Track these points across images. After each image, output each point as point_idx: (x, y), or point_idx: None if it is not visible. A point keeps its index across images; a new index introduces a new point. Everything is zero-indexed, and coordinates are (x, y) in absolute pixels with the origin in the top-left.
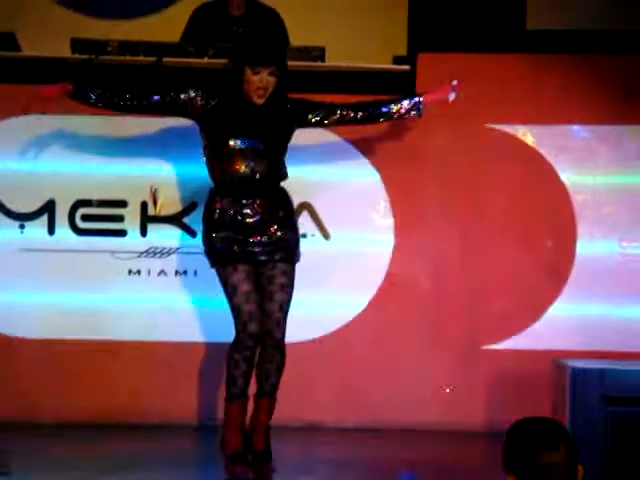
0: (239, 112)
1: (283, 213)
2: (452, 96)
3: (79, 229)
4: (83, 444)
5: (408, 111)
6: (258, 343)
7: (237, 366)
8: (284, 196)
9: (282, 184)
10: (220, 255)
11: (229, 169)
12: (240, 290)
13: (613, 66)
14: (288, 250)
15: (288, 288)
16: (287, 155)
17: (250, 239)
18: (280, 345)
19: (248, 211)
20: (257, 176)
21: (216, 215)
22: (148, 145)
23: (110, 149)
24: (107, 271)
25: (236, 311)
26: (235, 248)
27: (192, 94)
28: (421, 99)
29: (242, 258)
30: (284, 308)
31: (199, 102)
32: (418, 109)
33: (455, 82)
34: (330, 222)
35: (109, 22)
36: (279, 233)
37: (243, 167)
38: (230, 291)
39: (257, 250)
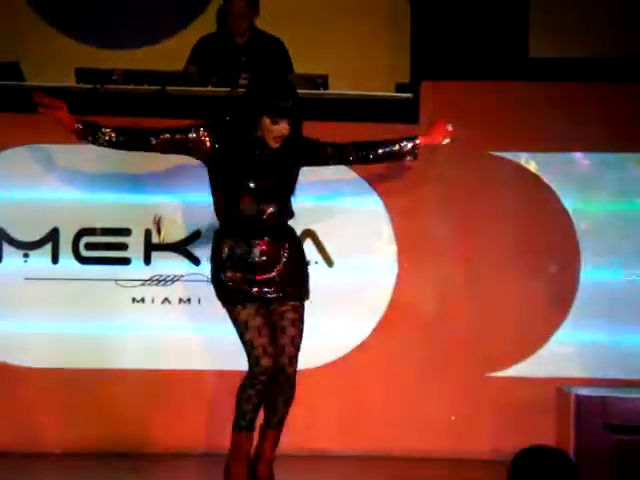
0: (251, 154)
1: (290, 251)
2: (446, 140)
3: (83, 257)
4: (87, 474)
5: (405, 154)
6: (271, 378)
7: (249, 400)
8: (292, 234)
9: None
10: (230, 294)
11: (239, 209)
12: (251, 324)
13: (616, 93)
14: (297, 287)
15: (299, 323)
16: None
17: (259, 277)
18: (292, 381)
19: (256, 250)
20: (264, 216)
21: (224, 255)
22: (152, 173)
23: (114, 177)
24: (111, 299)
25: (249, 346)
26: (245, 287)
27: (200, 132)
28: (418, 142)
29: (252, 297)
30: (296, 343)
31: (207, 142)
32: (414, 153)
33: (450, 127)
34: (333, 249)
35: (113, 52)
36: (288, 271)
37: (253, 208)
38: (242, 327)
39: (266, 289)
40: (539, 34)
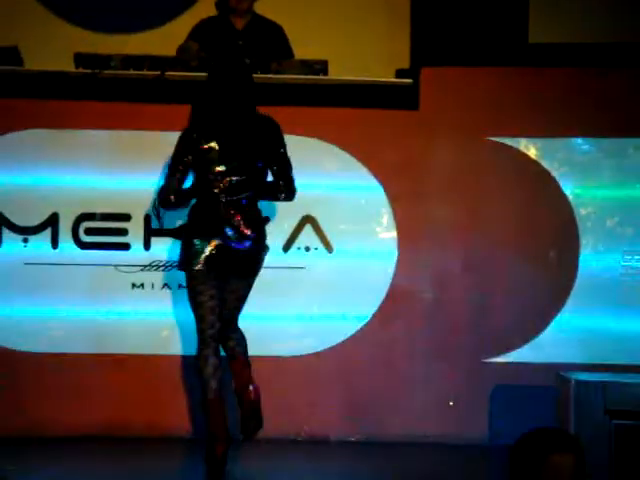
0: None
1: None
2: None
3: (83, 243)
4: (87, 458)
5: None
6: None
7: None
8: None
9: None
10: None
11: None
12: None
13: (616, 79)
14: None
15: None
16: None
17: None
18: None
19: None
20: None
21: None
22: (150, 158)
23: (113, 163)
24: (110, 284)
25: None
26: None
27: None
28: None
29: None
30: None
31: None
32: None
33: None
34: (333, 235)
35: (111, 36)
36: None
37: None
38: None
39: None
40: (539, 19)
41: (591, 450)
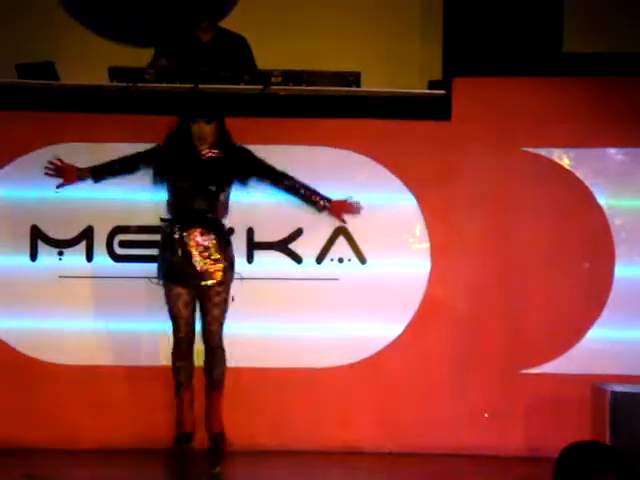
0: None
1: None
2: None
3: (117, 255)
4: (120, 470)
5: (315, 205)
6: None
7: None
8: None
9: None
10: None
11: None
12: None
13: None
14: None
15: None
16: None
17: None
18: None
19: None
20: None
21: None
22: None
23: (146, 175)
24: (144, 297)
25: None
26: None
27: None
28: (328, 206)
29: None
30: None
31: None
32: (323, 209)
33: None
34: (366, 246)
35: (145, 50)
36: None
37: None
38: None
39: None
40: (573, 29)
41: (628, 462)
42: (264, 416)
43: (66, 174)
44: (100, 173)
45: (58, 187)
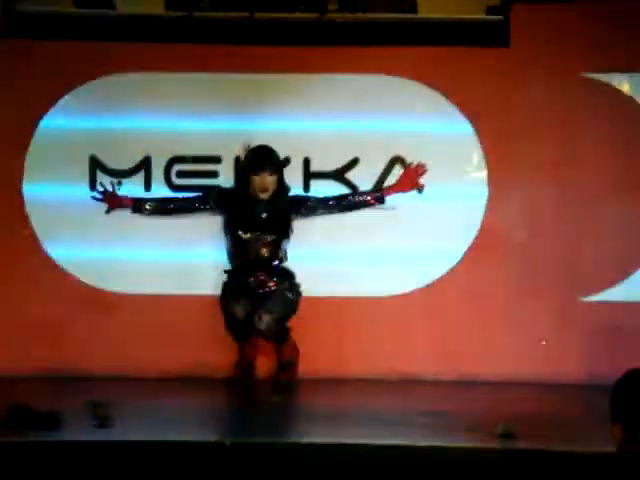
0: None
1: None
2: (414, 189)
3: (174, 185)
4: (182, 398)
5: (372, 202)
6: None
7: None
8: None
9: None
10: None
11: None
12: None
13: None
14: None
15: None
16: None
17: None
18: None
19: None
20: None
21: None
22: (241, 100)
23: (203, 105)
24: (202, 227)
25: None
26: None
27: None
28: (382, 193)
29: None
30: None
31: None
32: (381, 200)
33: (422, 183)
34: (424, 175)
35: None
36: None
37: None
38: None
39: None
40: None
41: None
42: (323, 345)
43: (110, 201)
44: (151, 211)
45: (106, 212)
